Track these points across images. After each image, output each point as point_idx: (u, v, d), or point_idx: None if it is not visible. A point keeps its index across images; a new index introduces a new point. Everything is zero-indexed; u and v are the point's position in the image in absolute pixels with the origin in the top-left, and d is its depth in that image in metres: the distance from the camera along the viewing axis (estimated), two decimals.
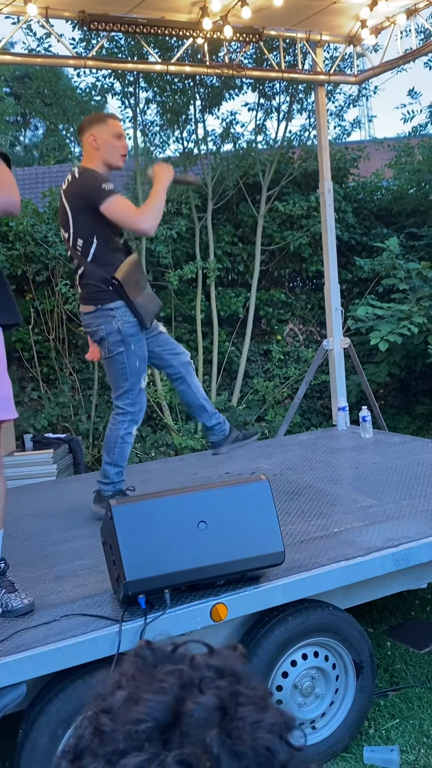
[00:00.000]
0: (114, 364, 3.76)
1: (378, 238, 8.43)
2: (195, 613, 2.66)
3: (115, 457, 3.94)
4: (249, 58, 7.65)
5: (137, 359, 3.75)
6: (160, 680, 0.58)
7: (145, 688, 0.58)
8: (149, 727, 0.55)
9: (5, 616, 2.70)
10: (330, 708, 3.02)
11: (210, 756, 0.54)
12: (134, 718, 0.56)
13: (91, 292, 3.69)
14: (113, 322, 3.66)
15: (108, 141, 3.72)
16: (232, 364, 8.31)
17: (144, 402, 3.89)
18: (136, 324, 3.69)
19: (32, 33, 7.27)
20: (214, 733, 0.55)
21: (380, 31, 5.74)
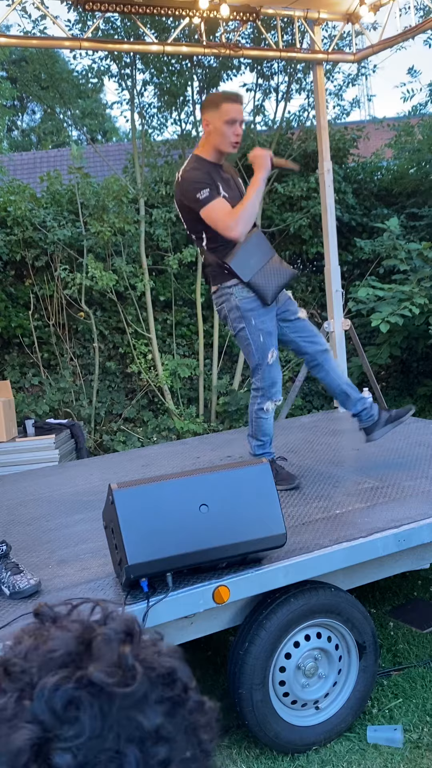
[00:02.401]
0: (240, 341, 3.88)
1: (378, 218, 8.38)
2: (197, 595, 2.66)
3: (254, 430, 4.00)
4: (246, 38, 7.57)
5: (260, 334, 3.78)
6: (65, 626, 0.61)
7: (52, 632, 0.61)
8: (62, 654, 0.58)
9: (13, 597, 2.71)
10: (333, 688, 3.03)
11: (125, 668, 0.57)
12: (45, 651, 0.58)
13: (211, 274, 3.85)
14: (232, 299, 3.77)
15: (219, 128, 3.67)
16: (232, 347, 8.28)
17: (276, 377, 3.88)
18: (256, 299, 3.75)
19: (27, 15, 7.20)
20: (127, 649, 0.59)
21: (379, 8, 5.66)
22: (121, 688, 0.56)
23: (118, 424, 7.64)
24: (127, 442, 7.40)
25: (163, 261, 7.88)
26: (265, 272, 3.78)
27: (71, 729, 0.54)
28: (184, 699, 0.60)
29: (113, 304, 7.75)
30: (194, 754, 0.60)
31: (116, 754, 0.55)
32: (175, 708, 0.59)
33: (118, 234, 7.54)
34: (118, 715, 0.56)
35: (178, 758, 0.58)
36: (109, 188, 7.57)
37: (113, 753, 0.55)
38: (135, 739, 0.56)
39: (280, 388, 3.93)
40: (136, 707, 0.57)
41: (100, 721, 0.55)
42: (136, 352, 7.71)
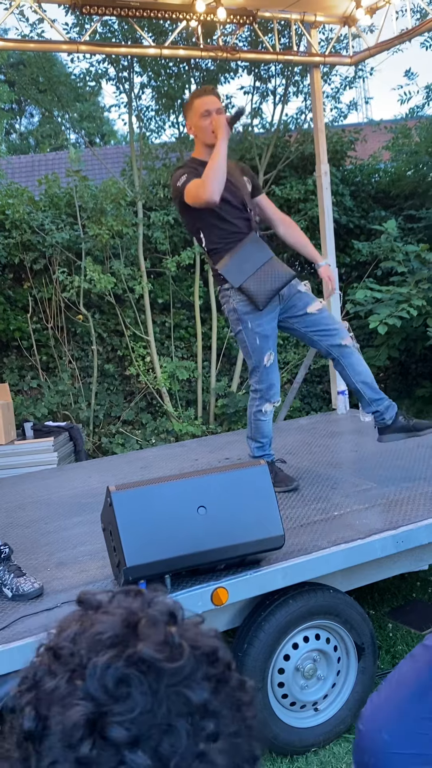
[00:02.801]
0: (239, 342, 3.96)
1: (376, 220, 8.39)
2: (196, 597, 2.67)
3: (253, 432, 4.02)
4: (244, 41, 7.59)
5: (257, 337, 3.81)
6: (110, 611, 0.64)
7: (97, 617, 0.63)
8: (110, 636, 0.60)
9: (16, 599, 2.71)
10: (332, 690, 3.03)
11: (172, 646, 0.60)
12: (93, 633, 0.61)
13: (214, 274, 3.98)
14: (230, 302, 3.83)
15: (197, 124, 3.74)
16: (231, 350, 8.29)
17: (273, 379, 3.89)
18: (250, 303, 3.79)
19: (25, 19, 7.21)
20: (173, 629, 0.62)
21: (375, 11, 5.68)
22: (170, 664, 0.59)
23: (116, 427, 7.65)
24: (126, 444, 7.40)
25: (161, 264, 7.89)
26: (259, 276, 3.77)
27: (124, 705, 0.57)
28: (228, 677, 0.63)
29: (111, 306, 7.76)
30: (239, 729, 0.62)
31: (168, 727, 0.58)
32: (219, 685, 0.62)
33: (116, 237, 7.55)
34: (167, 690, 0.58)
35: (225, 732, 0.60)
36: (107, 191, 7.58)
37: (165, 726, 0.57)
38: (184, 713, 0.58)
39: (278, 390, 3.94)
40: (184, 683, 0.59)
41: (151, 697, 0.58)
42: (135, 354, 7.72)
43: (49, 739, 0.58)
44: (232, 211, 3.78)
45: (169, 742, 0.57)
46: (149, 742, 0.56)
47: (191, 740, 0.58)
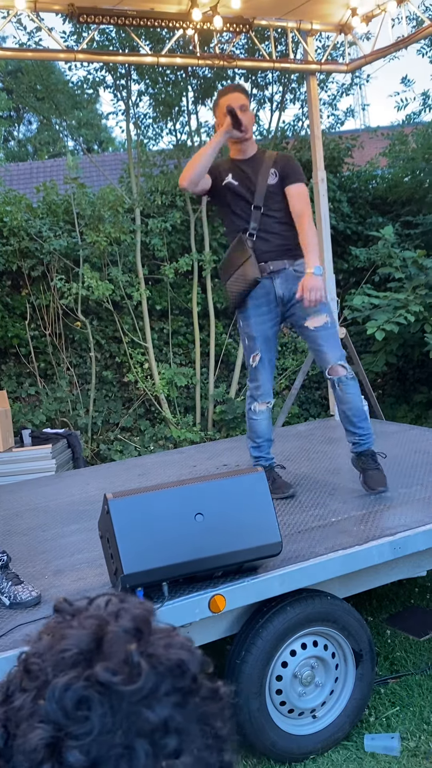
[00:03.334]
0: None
1: (373, 227, 8.41)
2: (193, 604, 2.67)
3: (248, 431, 4.07)
4: (240, 49, 7.62)
5: (245, 336, 3.91)
6: (80, 622, 0.64)
7: (67, 629, 0.63)
8: (74, 654, 0.60)
9: (14, 608, 2.71)
10: (330, 697, 3.03)
11: (131, 665, 0.60)
12: (59, 650, 0.61)
13: None
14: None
15: (221, 122, 3.82)
16: (229, 356, 8.30)
17: (261, 379, 3.89)
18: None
19: (22, 27, 7.24)
20: (133, 646, 0.61)
21: (371, 19, 5.71)
22: (127, 686, 0.59)
23: (114, 434, 7.65)
24: (124, 451, 7.40)
25: (159, 270, 7.90)
26: (235, 277, 3.82)
27: (82, 727, 0.57)
28: (195, 689, 0.62)
29: (109, 313, 7.77)
30: (208, 741, 0.62)
31: (126, 749, 0.57)
32: (185, 698, 0.61)
33: (114, 244, 7.56)
34: (127, 710, 0.58)
35: (190, 747, 0.60)
36: (104, 198, 7.60)
37: (123, 748, 0.57)
38: (144, 732, 0.58)
39: (268, 391, 3.93)
40: (144, 702, 0.59)
41: (110, 718, 0.58)
42: (133, 361, 7.73)
43: (15, 758, 0.58)
44: (240, 204, 3.82)
45: (127, 764, 0.57)
46: (107, 765, 0.57)
47: (150, 760, 0.58)
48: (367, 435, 3.89)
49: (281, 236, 3.82)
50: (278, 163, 3.85)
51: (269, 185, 3.81)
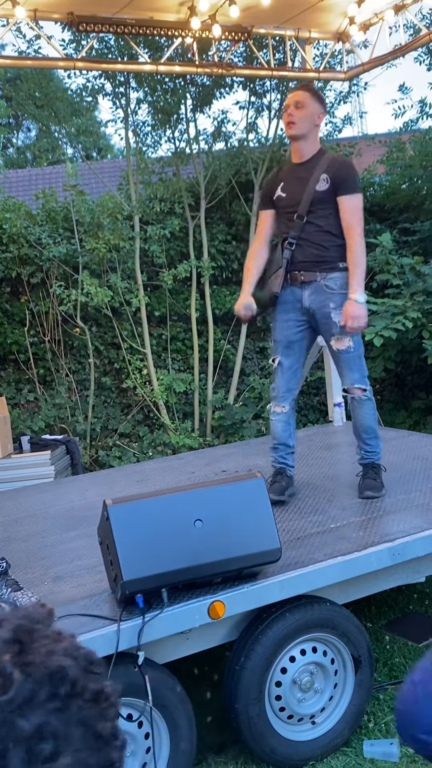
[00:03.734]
0: None
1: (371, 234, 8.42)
2: (193, 611, 2.67)
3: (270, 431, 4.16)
4: (239, 57, 7.65)
5: (273, 339, 4.02)
6: None
7: None
8: None
9: None
10: (329, 703, 3.04)
11: (4, 676, 0.62)
12: None
13: None
14: None
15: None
16: (228, 362, 8.32)
17: (277, 382, 3.98)
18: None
19: (22, 35, 7.27)
20: (7, 657, 0.63)
21: (369, 28, 5.75)
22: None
23: (113, 440, 7.65)
24: (123, 457, 7.41)
25: (158, 277, 7.92)
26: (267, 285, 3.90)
27: None
28: (76, 693, 0.64)
29: (108, 319, 7.78)
30: (90, 743, 0.64)
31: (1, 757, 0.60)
32: (65, 703, 0.63)
33: (113, 250, 7.58)
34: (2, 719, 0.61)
35: (69, 749, 0.62)
36: (104, 205, 7.62)
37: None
38: (19, 740, 0.60)
39: (281, 395, 3.97)
40: (18, 711, 0.61)
41: None
42: (132, 367, 7.74)
43: None
44: (285, 213, 3.80)
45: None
46: None
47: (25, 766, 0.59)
48: (373, 453, 3.91)
49: (320, 247, 3.72)
50: (331, 168, 3.69)
51: (317, 191, 3.68)
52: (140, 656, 2.53)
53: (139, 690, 2.56)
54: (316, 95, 3.82)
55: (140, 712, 2.62)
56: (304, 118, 3.71)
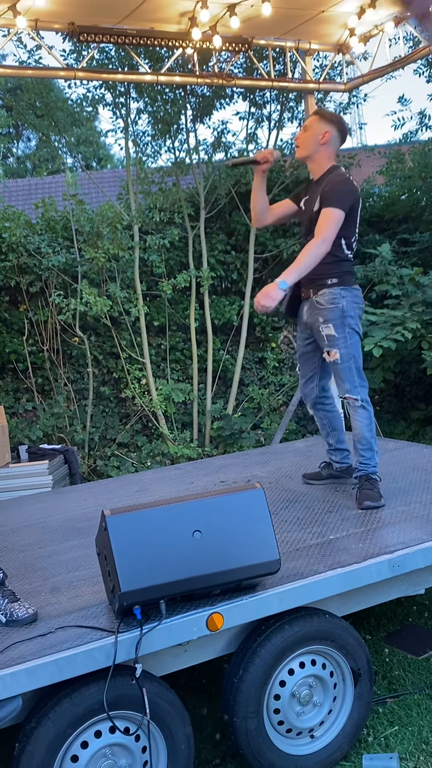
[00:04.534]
0: None
1: (371, 244, 8.45)
2: (191, 622, 2.65)
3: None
4: (239, 68, 7.68)
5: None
6: None
7: None
8: None
9: (9, 625, 2.69)
10: (328, 716, 3.00)
11: None
12: None
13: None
14: None
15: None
16: (227, 372, 8.31)
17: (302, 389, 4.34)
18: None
19: (23, 45, 7.30)
20: None
21: (369, 39, 5.78)
22: None
23: (112, 450, 7.63)
24: (121, 467, 7.38)
25: (157, 286, 7.92)
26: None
27: None
28: None
29: (107, 329, 7.78)
30: None
31: None
32: None
33: (112, 260, 7.58)
34: None
35: None
36: (103, 215, 7.63)
37: None
38: None
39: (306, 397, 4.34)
40: None
41: None
42: (130, 377, 7.72)
43: None
44: (301, 229, 4.09)
45: None
46: None
47: None
48: (367, 464, 3.93)
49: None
50: (325, 188, 3.80)
51: (313, 212, 3.83)
52: (138, 668, 2.51)
53: (136, 703, 2.54)
54: (324, 116, 3.94)
55: (137, 726, 2.59)
56: (307, 139, 3.89)
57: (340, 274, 3.86)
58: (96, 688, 2.48)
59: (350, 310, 3.85)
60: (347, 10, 5.33)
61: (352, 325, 3.89)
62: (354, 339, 3.90)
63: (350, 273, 3.93)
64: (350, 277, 3.92)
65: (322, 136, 3.87)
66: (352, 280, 3.93)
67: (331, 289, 3.85)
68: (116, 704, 2.51)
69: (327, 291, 3.86)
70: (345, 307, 3.84)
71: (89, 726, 2.52)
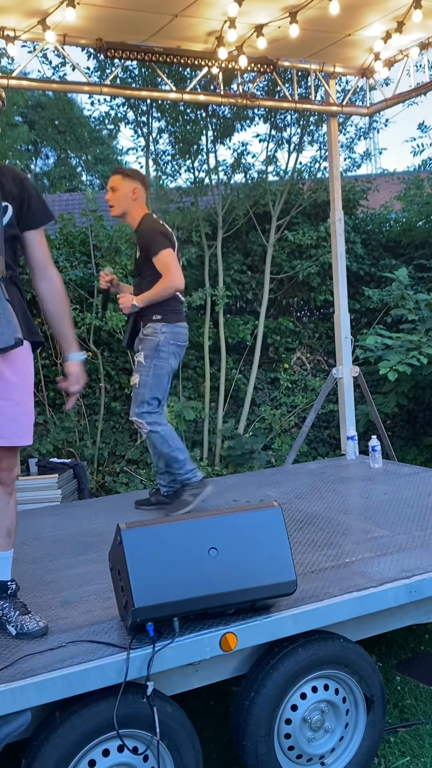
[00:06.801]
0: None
1: (386, 268, 8.44)
2: (204, 642, 2.60)
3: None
4: (261, 90, 7.72)
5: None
6: None
7: None
8: None
9: (20, 638, 2.65)
10: (340, 743, 2.94)
11: None
12: None
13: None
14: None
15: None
16: (239, 391, 8.27)
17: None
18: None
19: (48, 61, 7.38)
20: None
21: (393, 64, 5.80)
22: None
23: (121, 466, 7.58)
24: (130, 484, 7.33)
25: None
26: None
27: None
28: None
29: (121, 345, 7.76)
30: None
31: None
32: None
33: (129, 276, 7.58)
34: None
35: None
36: (122, 231, 7.65)
37: None
38: None
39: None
40: None
41: None
42: None
43: None
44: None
45: None
46: None
47: None
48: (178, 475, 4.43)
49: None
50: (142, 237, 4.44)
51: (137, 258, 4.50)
52: (149, 687, 2.46)
53: (145, 722, 2.48)
54: (127, 174, 4.47)
55: (146, 746, 2.53)
56: (119, 199, 4.43)
57: (165, 312, 4.33)
58: (106, 705, 2.43)
59: (165, 346, 4.33)
60: (373, 34, 5.35)
61: (162, 359, 4.34)
62: (158, 372, 4.35)
63: (175, 311, 4.38)
64: (175, 316, 4.37)
65: (132, 192, 4.41)
66: (177, 318, 4.39)
67: (154, 324, 4.33)
68: (125, 722, 2.45)
69: (151, 325, 4.35)
70: (161, 341, 4.31)
71: (97, 744, 2.46)
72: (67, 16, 4.57)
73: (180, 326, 4.41)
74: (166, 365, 4.38)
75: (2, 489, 2.73)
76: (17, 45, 4.98)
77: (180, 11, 4.75)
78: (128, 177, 4.44)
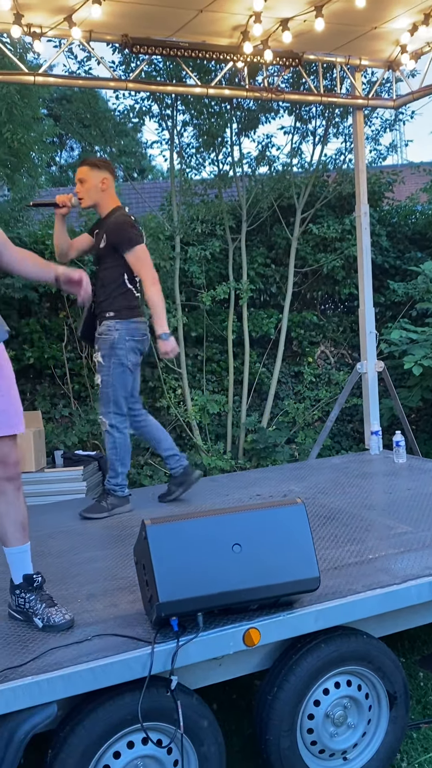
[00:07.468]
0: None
1: (412, 261, 8.38)
2: (228, 637, 2.62)
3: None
4: (285, 82, 7.68)
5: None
6: None
7: None
8: None
9: (46, 630, 2.69)
10: (362, 739, 2.95)
11: None
12: None
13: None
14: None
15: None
16: (262, 385, 8.28)
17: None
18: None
19: (73, 56, 7.39)
20: None
21: (420, 56, 5.75)
22: None
23: (145, 458, 7.64)
24: (154, 476, 7.38)
25: (197, 297, 7.93)
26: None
27: None
28: None
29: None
30: None
31: None
32: None
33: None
34: None
35: None
36: (146, 225, 7.67)
37: None
38: None
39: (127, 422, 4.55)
40: None
41: None
42: (166, 386, 7.73)
43: None
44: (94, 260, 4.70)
45: None
46: None
47: None
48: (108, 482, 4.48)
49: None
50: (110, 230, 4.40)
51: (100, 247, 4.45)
52: (173, 681, 2.49)
53: (169, 715, 2.52)
54: (96, 164, 4.43)
55: (170, 739, 2.57)
56: (88, 191, 4.42)
57: (118, 308, 4.33)
58: (130, 698, 2.47)
59: (120, 343, 4.30)
60: (400, 27, 5.31)
61: (120, 356, 4.31)
62: (118, 370, 4.32)
63: (129, 307, 4.35)
64: (129, 311, 4.34)
65: (102, 183, 4.41)
66: (131, 314, 4.35)
67: (107, 322, 4.34)
68: (149, 716, 2.49)
69: (105, 323, 4.35)
70: (116, 339, 4.29)
71: (122, 736, 2.50)
72: (93, 13, 4.58)
73: (135, 321, 4.38)
74: (125, 361, 4.36)
75: (10, 484, 2.75)
76: (43, 41, 5.01)
77: (205, 6, 4.74)
78: (96, 167, 4.43)
